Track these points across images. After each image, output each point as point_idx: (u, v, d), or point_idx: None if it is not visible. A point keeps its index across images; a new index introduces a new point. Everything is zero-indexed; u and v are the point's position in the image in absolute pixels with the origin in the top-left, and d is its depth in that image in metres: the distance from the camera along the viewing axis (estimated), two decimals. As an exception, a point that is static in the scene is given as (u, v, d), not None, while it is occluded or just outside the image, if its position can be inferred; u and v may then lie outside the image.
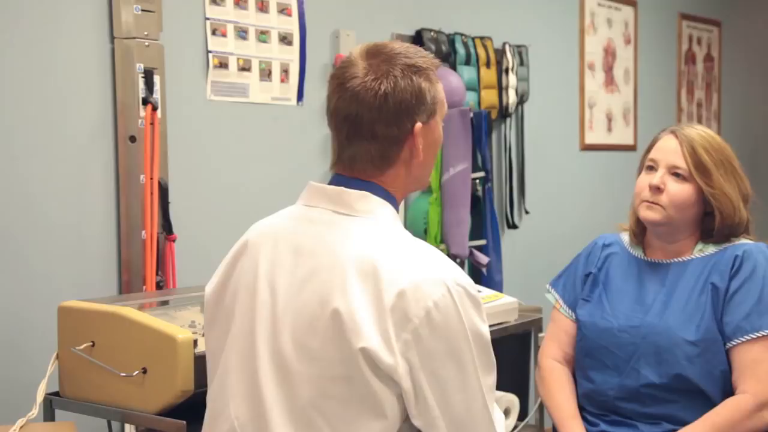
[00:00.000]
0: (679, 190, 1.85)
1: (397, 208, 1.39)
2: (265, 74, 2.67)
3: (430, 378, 1.24)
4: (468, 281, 1.30)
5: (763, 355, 1.77)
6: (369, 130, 1.33)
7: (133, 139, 2.30)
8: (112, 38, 2.30)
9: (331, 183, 1.38)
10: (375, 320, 1.23)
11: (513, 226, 3.60)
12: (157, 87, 2.34)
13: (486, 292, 2.42)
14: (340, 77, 1.35)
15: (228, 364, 1.37)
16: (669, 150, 1.87)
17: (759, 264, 1.82)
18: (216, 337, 1.42)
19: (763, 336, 1.78)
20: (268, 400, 1.29)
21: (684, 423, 1.80)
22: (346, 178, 1.37)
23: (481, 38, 3.35)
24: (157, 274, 2.33)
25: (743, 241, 1.89)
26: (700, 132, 1.88)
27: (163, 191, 2.35)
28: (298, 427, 1.27)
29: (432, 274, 1.26)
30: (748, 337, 1.78)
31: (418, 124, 1.34)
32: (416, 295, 1.24)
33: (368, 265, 1.26)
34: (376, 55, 1.34)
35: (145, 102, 2.31)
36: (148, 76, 2.31)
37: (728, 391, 1.81)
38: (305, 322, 1.28)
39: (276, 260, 1.35)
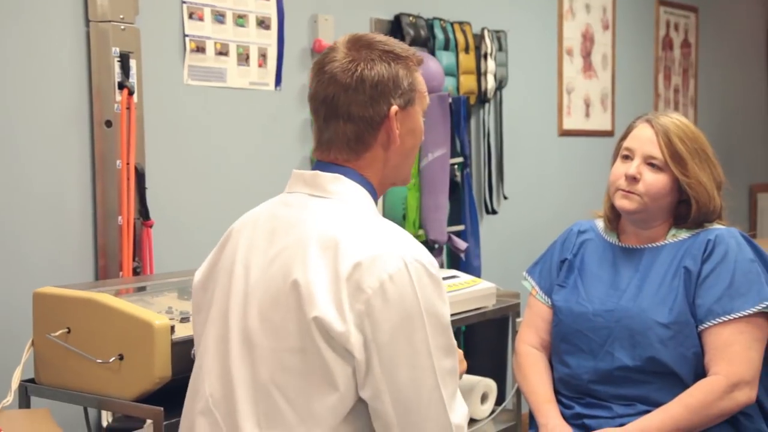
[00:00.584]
0: (655, 180, 1.87)
1: (374, 196, 1.42)
2: (243, 59, 2.65)
3: (379, 350, 1.26)
4: (429, 260, 1.31)
5: (735, 338, 1.80)
6: (345, 111, 1.36)
7: (109, 123, 2.28)
8: (87, 21, 2.28)
9: (312, 169, 1.42)
10: (330, 290, 1.26)
11: (492, 211, 3.61)
12: (133, 71, 2.31)
13: (464, 277, 2.43)
14: (320, 62, 1.40)
15: (206, 344, 1.41)
16: (644, 139, 1.89)
17: (731, 248, 1.85)
18: (201, 322, 1.47)
19: (735, 319, 1.80)
20: (234, 377, 1.33)
21: (657, 404, 1.82)
22: (323, 164, 1.41)
23: (460, 23, 3.34)
24: (133, 259, 2.31)
25: (716, 226, 1.92)
26: (674, 121, 1.89)
27: (140, 176, 2.34)
28: (258, 403, 1.31)
29: (391, 249, 1.28)
30: (720, 320, 1.81)
31: (394, 107, 1.37)
32: (372, 267, 1.26)
33: (330, 239, 1.29)
34: (357, 42, 1.39)
35: (121, 86, 2.28)
36: (124, 60, 2.29)
37: (700, 372, 1.84)
38: (271, 297, 1.32)
39: (253, 243, 1.39)
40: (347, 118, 1.36)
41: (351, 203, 1.37)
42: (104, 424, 2.17)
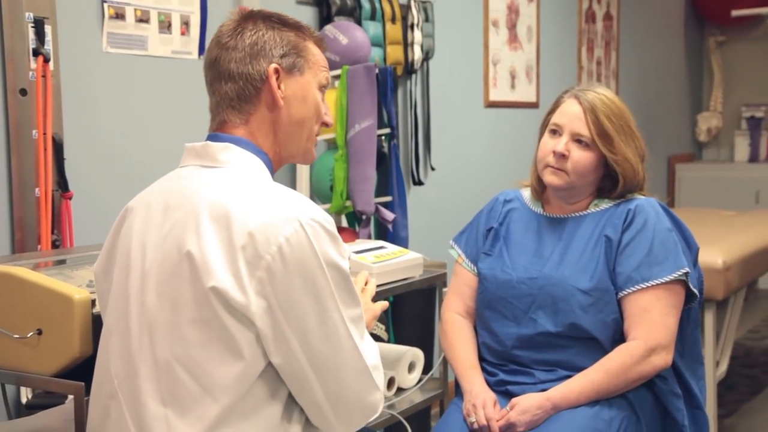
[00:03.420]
0: (583, 157, 1.90)
1: (269, 167, 1.41)
2: (165, 26, 2.58)
3: (287, 313, 1.27)
4: (325, 217, 1.31)
5: (653, 304, 1.86)
6: (225, 70, 1.38)
7: (23, 92, 2.20)
8: (-1, -15, 2.19)
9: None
10: (226, 260, 1.26)
11: (419, 182, 3.62)
12: (48, 38, 2.23)
13: (391, 248, 2.44)
14: (216, 33, 1.43)
15: (109, 326, 1.40)
16: (573, 116, 1.91)
17: (650, 218, 1.90)
18: (104, 307, 1.45)
19: (653, 286, 1.86)
20: (136, 356, 1.32)
21: (577, 368, 1.87)
22: (214, 134, 1.42)
23: (387, -7, 3.32)
24: (52, 232, 2.25)
25: (636, 196, 1.97)
26: (601, 97, 1.92)
27: (58, 147, 2.26)
28: (160, 380, 1.30)
29: (283, 213, 1.28)
30: (639, 287, 1.86)
31: (273, 65, 1.38)
32: (266, 233, 1.26)
33: (221, 209, 1.29)
34: (252, 13, 1.42)
35: (36, 53, 2.20)
36: (39, 25, 2.20)
37: (618, 338, 1.89)
38: (167, 271, 1.31)
39: (148, 220, 1.38)
40: (228, 77, 1.38)
41: (242, 171, 1.36)
42: (24, 400, 2.12)
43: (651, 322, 1.85)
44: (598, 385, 1.83)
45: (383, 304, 1.68)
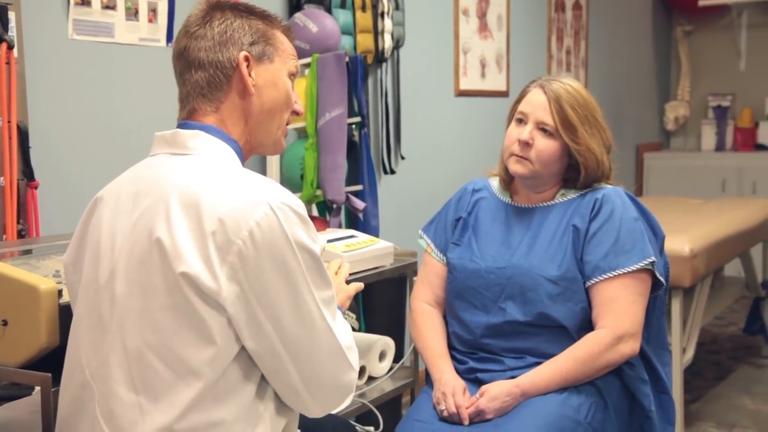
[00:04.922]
0: (546, 146, 1.91)
1: (240, 155, 1.41)
2: (132, 13, 2.55)
3: (260, 297, 1.27)
4: (296, 202, 1.32)
5: (620, 293, 1.88)
6: (195, 58, 1.38)
7: (-13, 79, 2.16)
8: (-39, -30, 2.14)
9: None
10: (196, 245, 1.25)
11: (389, 171, 3.62)
12: (12, 24, 2.19)
13: (362, 237, 2.44)
14: (183, 24, 1.42)
15: (79, 316, 1.39)
16: (537, 105, 1.92)
17: (617, 207, 1.92)
18: (74, 298, 1.45)
19: (620, 275, 1.88)
20: (106, 345, 1.32)
21: (546, 355, 1.89)
22: (184, 122, 1.41)
23: (357, -19, 3.30)
24: (18, 222, 2.22)
25: (603, 185, 1.98)
26: (566, 87, 1.93)
27: (23, 135, 2.23)
28: (131, 368, 1.29)
29: (253, 197, 1.28)
30: (606, 276, 1.88)
31: (244, 53, 1.38)
32: (237, 218, 1.26)
33: (191, 195, 1.28)
34: (219, 3, 1.42)
35: (-1, 40, 2.17)
36: (2, 12, 2.16)
37: (586, 326, 1.91)
38: (136, 258, 1.30)
39: (117, 209, 1.37)
40: (198, 66, 1.38)
41: (211, 158, 1.36)
42: (-10, 392, 2.09)
43: (618, 311, 1.87)
44: (567, 372, 1.85)
45: (357, 286, 1.69)
